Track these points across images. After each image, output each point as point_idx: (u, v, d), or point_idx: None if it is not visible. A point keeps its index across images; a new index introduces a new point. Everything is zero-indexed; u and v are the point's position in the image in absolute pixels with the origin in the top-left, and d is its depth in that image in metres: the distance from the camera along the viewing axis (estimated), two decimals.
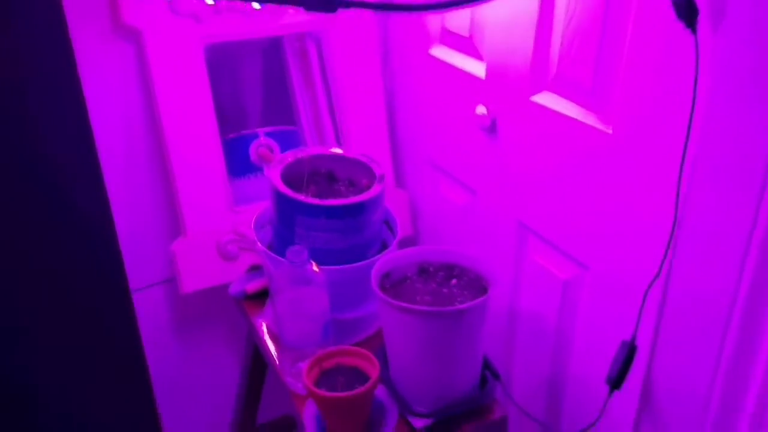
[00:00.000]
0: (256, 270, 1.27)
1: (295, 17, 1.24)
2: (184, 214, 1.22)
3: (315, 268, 0.97)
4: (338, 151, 1.15)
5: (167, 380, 1.43)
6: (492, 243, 1.18)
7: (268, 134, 1.37)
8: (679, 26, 0.71)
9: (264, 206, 1.18)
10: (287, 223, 1.04)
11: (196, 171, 1.22)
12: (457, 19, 1.15)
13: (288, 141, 1.39)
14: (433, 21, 1.20)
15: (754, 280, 0.72)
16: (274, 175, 1.05)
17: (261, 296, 1.23)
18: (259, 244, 1.08)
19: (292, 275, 0.97)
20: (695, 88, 0.73)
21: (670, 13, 0.72)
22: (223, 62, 1.35)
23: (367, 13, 1.30)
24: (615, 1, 0.84)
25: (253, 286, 1.23)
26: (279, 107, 1.45)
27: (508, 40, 1.02)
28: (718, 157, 0.73)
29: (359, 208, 1.02)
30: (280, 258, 1.01)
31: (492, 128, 1.10)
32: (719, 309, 0.76)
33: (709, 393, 0.80)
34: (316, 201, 1.01)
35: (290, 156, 1.10)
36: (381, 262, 1.00)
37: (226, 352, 1.50)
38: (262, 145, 1.35)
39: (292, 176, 1.09)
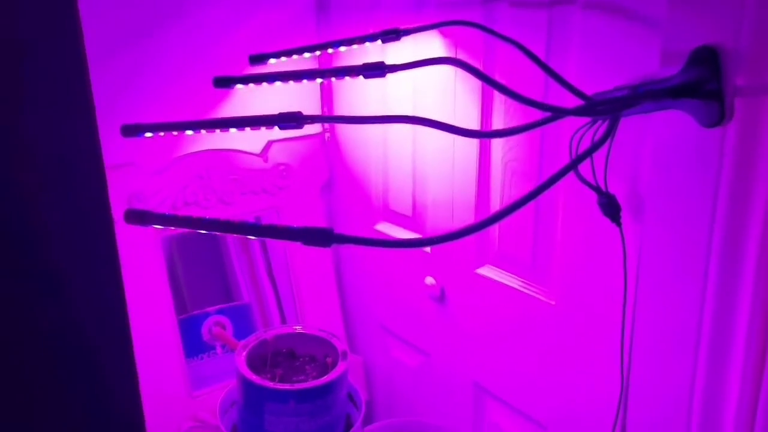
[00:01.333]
0: None
1: (245, 207, 1.32)
2: (143, 405, 1.21)
3: None
4: (299, 329, 1.20)
5: None
6: (449, 405, 1.23)
7: (219, 311, 1.41)
8: (605, 219, 0.84)
9: (223, 389, 1.19)
10: (255, 410, 1.06)
11: (154, 357, 1.23)
12: (400, 200, 1.26)
13: (238, 316, 1.42)
14: (377, 200, 1.32)
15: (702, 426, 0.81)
16: (240, 362, 1.08)
17: None
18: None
19: None
20: (625, 266, 0.85)
21: (595, 206, 0.85)
22: (168, 247, 1.40)
23: (312, 191, 1.40)
24: (545, 195, 0.97)
25: None
26: (220, 286, 1.50)
27: (449, 221, 1.14)
28: (653, 321, 0.84)
29: (327, 389, 1.06)
30: None
31: (441, 297, 1.19)
32: None
33: None
34: (285, 386, 1.04)
35: (253, 339, 1.14)
36: None
37: None
38: (214, 324, 1.38)
39: (256, 358, 1.12)
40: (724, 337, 0.77)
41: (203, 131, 0.86)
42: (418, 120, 0.75)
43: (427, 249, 1.21)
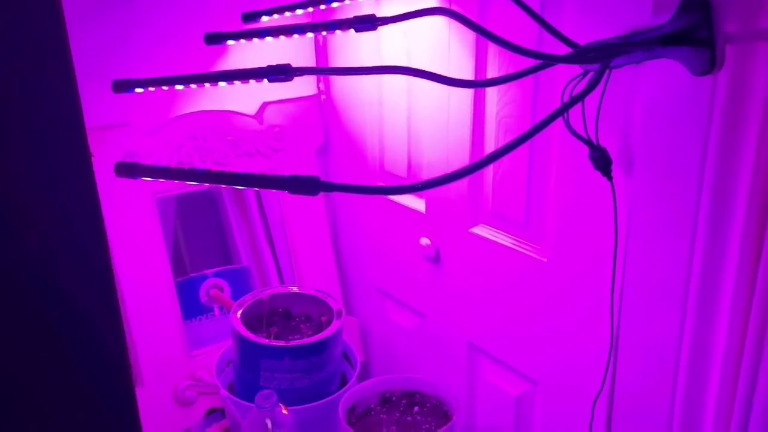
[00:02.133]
0: (214, 413, 1.27)
1: (240, 169, 1.32)
2: (140, 364, 1.22)
3: (284, 410, 1.00)
4: (295, 288, 1.21)
5: None
6: (443, 364, 1.24)
7: (217, 274, 1.41)
8: (597, 174, 0.84)
9: (220, 349, 1.20)
10: (251, 367, 1.07)
11: (152, 318, 1.24)
12: (395, 161, 1.26)
13: (237, 279, 1.43)
14: (373, 161, 1.31)
15: (689, 383, 0.82)
16: (235, 320, 1.09)
17: None
18: (223, 390, 1.09)
19: (261, 420, 0.99)
20: (616, 221, 0.85)
21: (587, 162, 0.85)
22: (166, 210, 1.40)
23: (307, 153, 1.40)
24: (538, 151, 0.97)
25: (214, 431, 1.22)
26: (219, 249, 1.51)
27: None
28: (642, 276, 0.85)
29: (322, 346, 1.07)
30: (247, 403, 1.03)
31: (436, 258, 1.20)
32: (662, 413, 0.85)
33: None
34: (280, 343, 1.05)
35: (249, 298, 1.15)
36: (345, 398, 1.04)
37: None
38: (212, 286, 1.39)
39: (252, 318, 1.13)
40: (712, 292, 0.77)
41: (193, 86, 0.85)
42: (407, 70, 0.74)
43: (422, 209, 1.21)
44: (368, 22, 0.84)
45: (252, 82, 0.84)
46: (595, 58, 0.71)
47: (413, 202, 1.24)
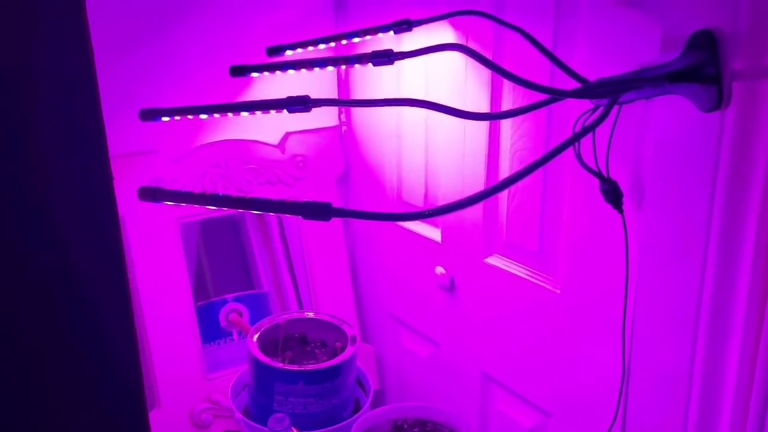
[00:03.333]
0: None
1: (262, 197, 1.35)
2: (158, 386, 1.25)
3: None
4: (311, 314, 1.23)
5: None
6: (457, 393, 1.24)
7: (237, 299, 1.44)
8: (608, 207, 0.85)
9: (237, 373, 1.22)
10: (265, 391, 1.09)
11: (171, 341, 1.27)
12: (412, 192, 1.29)
13: (256, 304, 1.46)
14: (391, 191, 1.34)
15: (700, 415, 0.81)
16: (251, 344, 1.11)
17: None
18: (237, 413, 1.11)
19: None
20: (627, 253, 0.86)
21: (599, 196, 0.86)
22: (190, 235, 1.44)
23: (328, 182, 1.43)
24: (551, 183, 0.99)
25: None
26: (240, 274, 1.53)
27: (460, 212, 1.15)
28: (653, 308, 0.85)
29: (336, 371, 1.09)
30: (261, 427, 1.04)
31: (451, 287, 1.21)
32: None
33: None
34: (294, 367, 1.07)
35: (266, 323, 1.17)
36: (358, 424, 1.05)
37: None
38: (231, 311, 1.41)
39: (268, 342, 1.15)
40: (722, 324, 0.77)
41: (217, 115, 0.89)
42: (420, 103, 0.77)
43: (438, 239, 1.23)
44: (385, 57, 0.87)
45: (274, 112, 0.88)
46: (603, 93, 0.72)
47: (429, 231, 1.26)
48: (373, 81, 1.34)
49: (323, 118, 1.41)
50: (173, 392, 1.26)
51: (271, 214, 0.72)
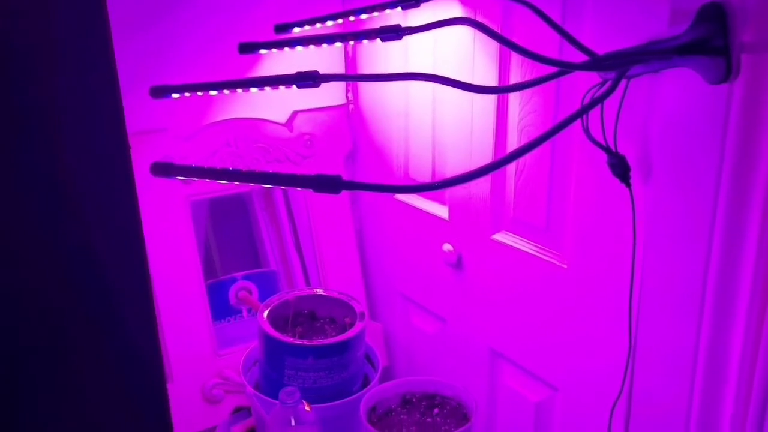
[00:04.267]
0: (240, 411, 1.30)
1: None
2: (170, 362, 1.27)
3: (307, 407, 1.02)
4: (320, 291, 1.24)
5: None
6: (465, 369, 1.26)
7: (246, 277, 1.45)
8: (616, 181, 0.86)
9: (248, 349, 1.24)
10: (276, 365, 1.10)
11: (182, 318, 1.28)
12: (420, 169, 1.29)
13: (265, 282, 1.47)
14: (398, 169, 1.35)
15: (706, 391, 0.83)
16: (262, 320, 1.13)
17: None
18: (248, 387, 1.13)
19: (284, 416, 1.02)
20: (634, 228, 0.86)
21: (607, 171, 0.86)
22: (199, 214, 1.45)
23: (336, 161, 1.44)
24: (559, 158, 0.99)
25: (239, 428, 1.26)
26: (249, 253, 1.55)
27: (467, 188, 1.16)
28: (660, 282, 0.86)
29: (345, 346, 1.10)
30: (272, 400, 1.06)
31: (458, 264, 1.22)
32: (678, 421, 0.86)
33: None
34: (304, 342, 1.08)
35: (276, 299, 1.18)
36: (367, 397, 1.07)
37: None
38: (241, 288, 1.43)
39: (278, 318, 1.16)
40: (728, 298, 0.78)
41: (226, 92, 0.90)
42: (428, 77, 0.77)
43: (446, 216, 1.24)
44: (393, 32, 0.88)
45: (283, 90, 0.88)
46: (611, 65, 0.73)
47: (436, 209, 1.27)
48: (380, 58, 1.34)
49: (331, 96, 1.41)
50: (185, 368, 1.28)
51: (282, 187, 0.72)
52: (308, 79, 0.81)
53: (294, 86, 0.84)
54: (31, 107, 0.64)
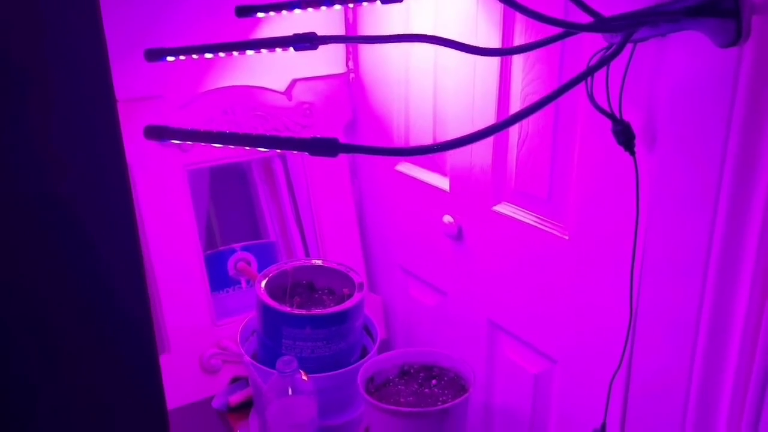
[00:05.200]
0: (238, 381, 1.30)
1: None
2: (168, 332, 1.26)
3: (304, 377, 1.02)
4: (318, 262, 1.23)
5: None
6: (464, 341, 1.25)
7: (245, 248, 1.44)
8: (620, 148, 0.84)
9: (246, 319, 1.23)
10: (273, 335, 1.10)
11: (180, 288, 1.27)
12: (420, 139, 1.27)
13: (264, 254, 1.46)
14: (398, 139, 1.33)
15: (706, 363, 0.82)
16: (260, 289, 1.12)
17: (244, 408, 1.25)
18: (246, 357, 1.12)
19: (281, 385, 1.02)
20: (638, 197, 0.84)
21: (611, 138, 0.84)
22: (198, 184, 1.44)
23: (335, 130, 1.42)
24: (562, 127, 0.97)
25: (236, 398, 1.26)
26: (248, 224, 1.54)
27: (468, 159, 1.14)
28: (662, 254, 0.84)
29: (343, 316, 1.09)
30: (269, 369, 1.06)
31: (459, 236, 1.20)
32: (677, 394, 0.85)
33: None
34: (302, 312, 1.08)
35: (274, 269, 1.17)
36: (365, 367, 1.06)
37: None
38: (240, 259, 1.42)
39: (276, 288, 1.15)
40: (731, 272, 0.77)
41: (222, 54, 0.87)
42: (429, 38, 0.75)
43: (446, 188, 1.22)
44: None
45: (282, 58, 0.86)
46: (618, 27, 0.70)
47: (437, 180, 1.25)
48: (381, 24, 1.31)
49: (331, 64, 1.39)
50: (183, 338, 1.28)
51: (279, 152, 0.71)
52: (306, 41, 0.79)
53: (292, 49, 0.82)
54: (18, 69, 0.62)
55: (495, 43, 1.03)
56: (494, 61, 1.04)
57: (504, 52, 0.96)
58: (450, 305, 1.28)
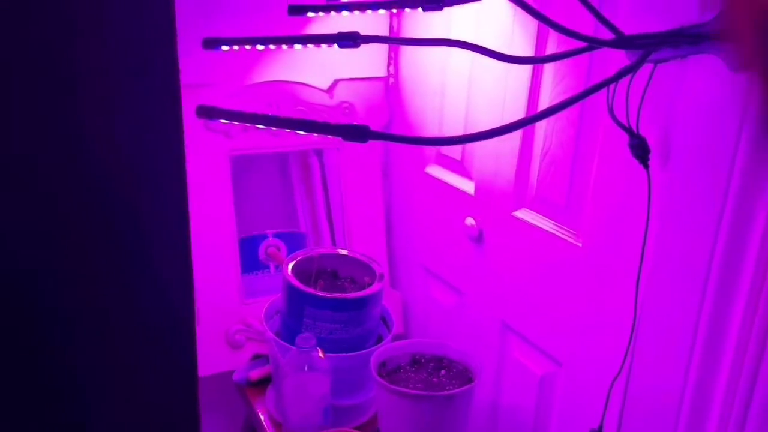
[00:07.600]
0: (259, 359, 1.37)
1: (310, 137, 1.42)
2: (199, 306, 1.33)
3: (321, 354, 1.08)
4: (343, 251, 1.29)
5: None
6: (477, 340, 1.30)
7: (276, 235, 1.52)
8: (635, 162, 0.89)
9: (272, 299, 1.30)
10: (296, 314, 1.16)
11: (214, 268, 1.35)
12: (451, 146, 1.33)
13: (294, 242, 1.53)
14: (430, 148, 1.39)
15: (700, 375, 0.85)
16: (286, 271, 1.19)
17: (262, 383, 1.32)
18: (268, 332, 1.19)
19: (299, 361, 1.08)
20: (648, 210, 0.89)
21: (628, 153, 0.89)
22: (239, 170, 1.52)
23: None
24: (583, 141, 1.02)
25: (256, 373, 1.32)
26: (282, 213, 1.61)
27: (494, 165, 1.20)
28: (668, 267, 0.89)
29: (362, 303, 1.15)
30: (289, 345, 1.12)
31: (479, 238, 1.26)
32: (672, 399, 0.89)
33: None
34: (324, 294, 1.14)
35: (301, 254, 1.24)
36: (378, 352, 1.12)
37: None
38: (271, 245, 1.49)
39: (302, 273, 1.22)
40: (727, 295, 0.80)
41: (272, 46, 0.95)
42: (463, 44, 0.81)
43: (471, 191, 1.28)
44: (434, 2, 0.92)
45: (326, 57, 0.93)
46: (640, 44, 0.76)
47: (463, 183, 1.31)
48: (422, 32, 1.38)
49: (372, 67, 1.46)
50: (212, 313, 1.35)
51: (314, 134, 0.78)
52: (349, 39, 0.86)
53: (335, 45, 0.89)
54: (83, 60, 0.65)
55: (529, 54, 1.09)
56: (525, 78, 1.10)
57: (530, 61, 1.02)
58: (466, 305, 1.33)
